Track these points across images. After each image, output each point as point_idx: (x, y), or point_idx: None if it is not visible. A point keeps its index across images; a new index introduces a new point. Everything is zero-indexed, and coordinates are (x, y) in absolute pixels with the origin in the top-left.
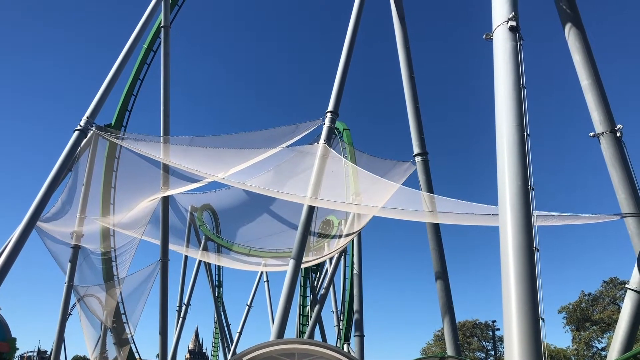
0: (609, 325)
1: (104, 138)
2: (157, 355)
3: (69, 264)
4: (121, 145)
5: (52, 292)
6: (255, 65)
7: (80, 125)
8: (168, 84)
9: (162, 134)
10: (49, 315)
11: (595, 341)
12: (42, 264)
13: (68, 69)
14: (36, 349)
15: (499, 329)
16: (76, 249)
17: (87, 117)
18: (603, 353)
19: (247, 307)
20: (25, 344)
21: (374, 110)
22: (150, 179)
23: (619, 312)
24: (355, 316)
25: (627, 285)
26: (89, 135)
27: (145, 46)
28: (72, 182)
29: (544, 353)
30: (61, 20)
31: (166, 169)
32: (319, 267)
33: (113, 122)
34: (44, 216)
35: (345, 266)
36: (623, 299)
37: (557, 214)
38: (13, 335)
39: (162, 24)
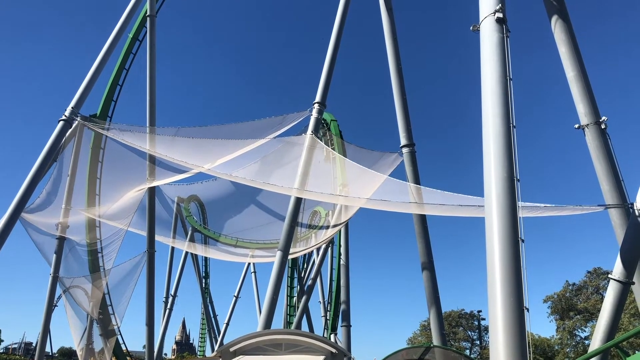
0: (593, 314)
1: (89, 128)
2: (144, 347)
3: (54, 255)
4: (107, 136)
5: (37, 284)
6: (243, 56)
7: (65, 116)
8: (154, 73)
9: (148, 125)
10: (34, 307)
11: (579, 330)
12: (27, 255)
13: (53, 58)
14: (21, 341)
15: (484, 319)
16: (61, 240)
17: (72, 107)
18: (586, 342)
19: (234, 298)
20: (10, 336)
21: (362, 101)
22: (136, 170)
23: (602, 301)
24: (342, 306)
25: (610, 275)
26: (73, 125)
27: (130, 35)
28: (56, 172)
29: (529, 342)
30: (46, 8)
31: (152, 159)
32: (307, 257)
33: (98, 113)
34: (28, 207)
35: (332, 257)
36: (606, 289)
37: (542, 205)
38: None
39: (148, 13)
